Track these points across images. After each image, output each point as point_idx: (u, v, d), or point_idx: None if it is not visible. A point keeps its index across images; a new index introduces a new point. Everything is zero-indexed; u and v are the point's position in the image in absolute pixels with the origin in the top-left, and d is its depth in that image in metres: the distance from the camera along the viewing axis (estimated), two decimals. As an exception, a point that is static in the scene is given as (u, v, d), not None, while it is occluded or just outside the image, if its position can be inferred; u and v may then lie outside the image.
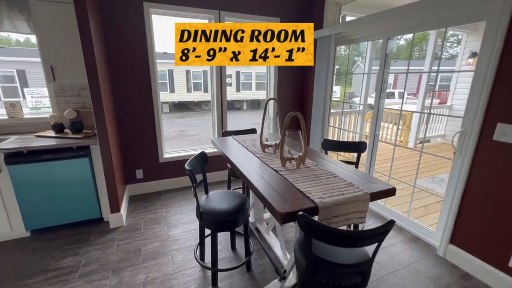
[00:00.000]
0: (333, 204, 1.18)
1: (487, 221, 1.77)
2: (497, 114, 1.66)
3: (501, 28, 1.58)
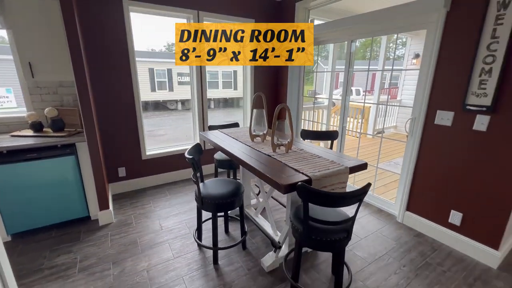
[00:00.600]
0: (323, 177, 1.45)
1: (432, 189, 2.23)
2: (437, 103, 2.11)
3: (437, 35, 2.02)
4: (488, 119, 1.83)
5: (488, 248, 1.94)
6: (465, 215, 2.04)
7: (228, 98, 17.19)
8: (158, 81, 15.37)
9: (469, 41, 1.87)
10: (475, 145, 1.92)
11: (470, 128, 1.93)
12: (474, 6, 1.81)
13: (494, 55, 1.76)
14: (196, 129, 3.50)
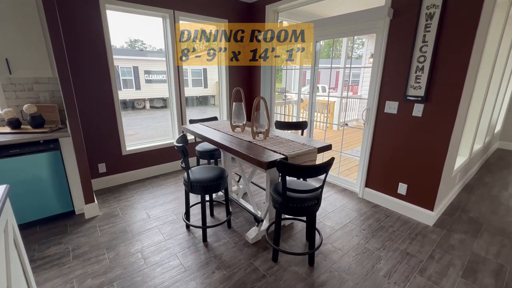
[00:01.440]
0: (297, 155, 1.76)
1: (384, 167, 2.68)
2: (385, 95, 2.55)
3: (384, 39, 2.45)
4: (423, 107, 2.29)
5: (426, 210, 2.43)
6: (409, 186, 2.52)
7: (199, 96, 17.07)
8: (124, 79, 14.73)
9: (407, 43, 2.31)
10: (414, 128, 2.39)
11: (410, 115, 2.39)
12: (410, 16, 2.26)
13: (425, 55, 2.22)
14: (175, 126, 3.63)
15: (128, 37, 14.23)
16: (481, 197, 2.99)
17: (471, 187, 3.26)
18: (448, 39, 2.08)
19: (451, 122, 2.16)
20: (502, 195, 3.06)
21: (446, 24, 2.07)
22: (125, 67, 14.36)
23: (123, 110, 2.82)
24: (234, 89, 2.46)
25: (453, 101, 2.12)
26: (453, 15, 2.03)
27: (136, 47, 14.99)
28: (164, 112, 12.94)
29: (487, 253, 2.03)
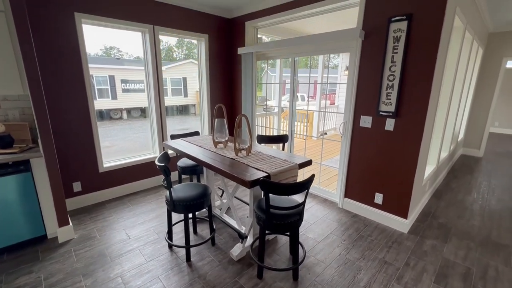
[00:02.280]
0: (279, 172, 1.81)
1: (361, 178, 2.82)
2: (360, 110, 2.70)
3: (357, 58, 2.61)
4: (394, 121, 2.46)
5: (400, 218, 2.57)
6: (385, 195, 2.66)
7: (179, 106, 16.82)
8: (99, 89, 14.18)
9: (378, 63, 2.49)
10: (387, 141, 2.54)
11: (383, 129, 2.55)
12: (379, 38, 2.44)
13: (394, 74, 2.39)
14: (154, 138, 3.56)
15: (103, 44, 13.71)
16: (449, 203, 3.22)
17: (440, 193, 3.50)
18: (414, 60, 2.27)
19: (419, 135, 2.34)
20: (466, 200, 3.31)
21: (412, 46, 2.26)
22: (100, 76, 13.85)
23: (99, 121, 2.72)
24: (216, 106, 2.48)
25: (420, 115, 2.30)
26: (417, 38, 2.22)
27: (112, 54, 14.52)
28: (143, 122, 12.57)
29: (456, 257, 2.19)
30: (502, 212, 3.00)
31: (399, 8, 2.28)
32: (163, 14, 3.25)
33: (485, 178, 4.10)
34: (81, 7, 2.65)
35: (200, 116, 4.17)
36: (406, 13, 2.25)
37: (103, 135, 10.35)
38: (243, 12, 3.70)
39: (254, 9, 3.53)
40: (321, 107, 7.04)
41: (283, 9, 3.21)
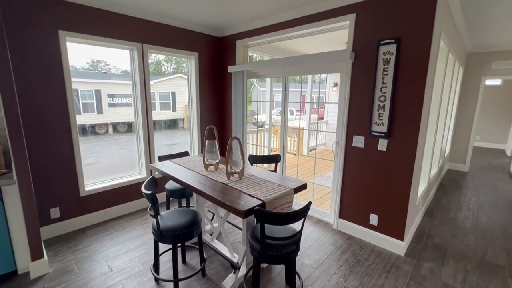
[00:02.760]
0: (274, 199, 1.72)
1: (355, 198, 2.77)
2: (352, 129, 2.69)
3: (348, 79, 2.63)
4: (386, 142, 2.45)
5: (397, 240, 2.51)
6: (380, 216, 2.61)
7: (167, 120, 16.59)
8: (84, 103, 13.80)
9: (369, 84, 2.51)
10: (380, 161, 2.52)
11: (376, 149, 2.54)
12: (369, 60, 2.47)
13: (385, 95, 2.41)
14: (141, 155, 3.40)
15: (90, 58, 13.47)
16: (441, 221, 3.21)
17: (432, 211, 3.50)
18: (404, 81, 2.29)
19: (412, 156, 2.33)
20: (458, 217, 3.32)
21: (401, 68, 2.29)
22: (86, 91, 13.52)
23: (83, 136, 2.57)
24: (206, 128, 2.40)
25: (413, 136, 2.30)
26: (406, 61, 2.26)
27: (100, 68, 14.28)
28: (129, 137, 12.24)
29: (455, 281, 2.13)
30: (494, 230, 3.01)
31: (387, 32, 2.33)
32: (153, 32, 3.20)
33: (473, 193, 4.16)
34: (66, 25, 2.55)
35: (189, 130, 4.06)
36: (394, 37, 2.29)
37: (86, 151, 9.99)
38: (234, 31, 3.72)
39: (245, 28, 3.55)
40: (311, 122, 7.09)
41: (273, 30, 3.24)
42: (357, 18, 2.50)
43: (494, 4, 2.78)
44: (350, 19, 2.55)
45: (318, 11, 2.76)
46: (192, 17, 3.27)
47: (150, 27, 3.16)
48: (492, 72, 5.03)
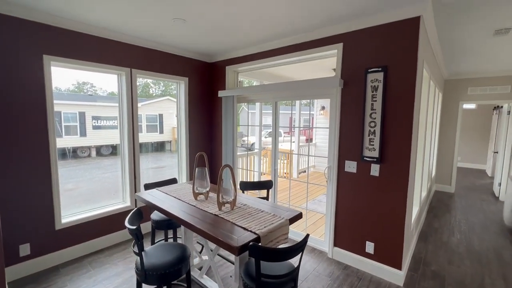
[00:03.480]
0: (269, 232, 1.62)
1: (350, 225, 2.69)
2: (344, 154, 2.68)
3: (338, 104, 2.66)
4: (379, 167, 2.45)
5: (395, 269, 2.42)
6: (376, 244, 2.53)
7: (154, 142, 16.25)
8: (66, 126, 13.34)
9: (358, 109, 2.55)
10: (374, 187, 2.50)
11: (369, 174, 2.52)
12: (358, 87, 2.53)
13: (375, 121, 2.44)
14: (126, 179, 3.21)
15: (76, 79, 13.24)
16: (436, 246, 3.16)
17: (425, 235, 3.46)
18: (393, 107, 2.34)
19: (405, 180, 2.32)
20: (451, 241, 3.29)
21: (390, 95, 2.35)
22: (69, 113, 13.14)
23: (62, 160, 2.39)
24: (197, 155, 2.31)
25: (404, 160, 2.31)
26: (394, 88, 2.32)
27: (85, 89, 14.06)
28: (113, 160, 11.81)
29: (458, 314, 2.04)
30: (488, 254, 2.99)
31: (374, 61, 2.42)
32: (142, 57, 3.18)
33: (463, 215, 4.20)
34: (51, 49, 2.48)
35: (177, 153, 3.93)
36: (381, 65, 2.38)
37: (66, 176, 9.48)
38: (224, 57, 3.77)
39: (235, 55, 3.61)
40: (300, 145, 7.13)
41: (263, 57, 3.31)
42: (345, 47, 2.60)
43: (467, 38, 2.98)
44: (338, 48, 2.64)
45: (306, 40, 2.85)
46: (182, 44, 3.30)
47: (139, 53, 3.15)
48: (468, 97, 5.34)
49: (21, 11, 2.26)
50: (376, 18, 2.35)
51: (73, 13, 2.37)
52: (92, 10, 2.31)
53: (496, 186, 5.31)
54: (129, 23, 2.61)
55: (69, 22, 2.53)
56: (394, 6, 2.16)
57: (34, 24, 2.37)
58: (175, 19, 2.48)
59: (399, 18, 2.24)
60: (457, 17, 2.40)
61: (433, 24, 2.54)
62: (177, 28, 2.74)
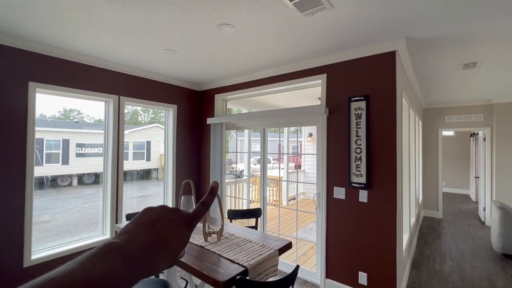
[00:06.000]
0: (257, 264, 1.53)
1: (341, 254, 2.61)
2: (333, 181, 2.68)
3: (324, 131, 2.73)
4: (366, 193, 2.45)
5: (390, 302, 2.31)
6: (368, 274, 2.43)
7: (140, 170, 15.80)
8: (48, 153, 12.85)
9: (344, 136, 2.61)
10: (363, 213, 2.47)
11: (357, 201, 2.51)
12: (342, 115, 2.62)
13: (360, 147, 2.50)
14: (107, 210, 3.03)
15: (62, 106, 13.03)
16: (429, 274, 3.08)
17: (417, 263, 3.39)
18: (377, 134, 2.42)
19: (393, 205, 2.32)
20: (444, 269, 3.22)
21: (373, 122, 2.44)
22: (52, 140, 12.74)
23: (39, 189, 2.23)
24: (183, 182, 2.25)
25: (391, 185, 2.33)
26: (376, 115, 2.42)
27: (72, 116, 13.82)
28: (95, 189, 11.29)
29: None
30: (481, 282, 2.93)
31: (356, 90, 2.54)
32: (130, 85, 3.21)
33: (453, 242, 4.18)
34: (37, 76, 2.47)
35: (163, 181, 3.81)
36: (363, 94, 2.50)
37: (42, 207, 8.89)
38: (212, 86, 3.87)
39: (223, 84, 3.72)
40: (289, 172, 7.12)
41: (251, 86, 3.42)
42: (328, 77, 2.74)
43: (439, 70, 3.23)
44: (322, 78, 2.77)
45: (292, 70, 3.00)
46: (172, 73, 3.38)
47: (128, 80, 3.18)
48: (446, 124, 5.63)
49: (6, 39, 2.28)
50: (356, 52, 2.52)
51: (62, 41, 2.41)
52: (81, 40, 2.36)
53: (481, 211, 5.41)
54: (118, 52, 2.67)
55: (56, 50, 2.56)
56: (370, 42, 2.33)
57: (20, 52, 2.38)
58: (166, 49, 2.56)
59: (377, 52, 2.42)
60: (428, 52, 2.61)
61: (408, 58, 2.74)
62: (168, 58, 2.82)
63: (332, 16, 1.90)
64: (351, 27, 2.07)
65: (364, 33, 2.17)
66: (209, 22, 2.01)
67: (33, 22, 2.03)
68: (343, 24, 2.02)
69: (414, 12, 1.83)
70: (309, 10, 1.80)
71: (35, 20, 1.99)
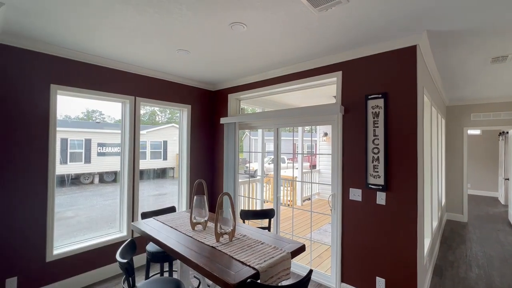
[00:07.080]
0: (269, 267, 1.50)
1: (358, 258, 2.51)
2: (348, 182, 2.59)
3: (339, 131, 2.64)
4: (385, 195, 2.34)
5: (410, 310, 2.20)
6: (387, 280, 2.33)
7: (156, 169, 16.21)
8: (71, 152, 13.49)
9: (360, 136, 2.51)
10: (381, 216, 2.37)
11: (375, 203, 2.41)
12: (359, 113, 2.52)
13: (378, 147, 2.39)
14: (124, 208, 3.11)
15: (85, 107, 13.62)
16: (453, 282, 2.91)
17: (440, 269, 3.21)
18: (396, 133, 2.30)
19: (413, 208, 2.20)
20: (470, 277, 3.03)
21: (391, 121, 2.33)
22: (76, 140, 13.35)
23: (63, 187, 2.35)
24: (195, 182, 2.26)
25: (411, 187, 2.21)
26: (395, 114, 2.31)
27: (94, 117, 14.43)
28: (115, 187, 11.73)
29: None
30: (512, 292, 2.73)
31: (374, 88, 2.43)
32: (146, 86, 3.27)
33: (479, 247, 3.92)
34: (58, 79, 2.57)
35: (178, 180, 3.87)
36: (381, 92, 2.39)
37: (66, 204, 9.34)
38: (226, 86, 3.87)
39: (236, 83, 3.71)
40: (304, 172, 7.01)
41: (264, 85, 3.38)
42: (344, 75, 2.65)
43: (465, 65, 3.03)
44: (337, 76, 2.68)
45: (306, 68, 2.92)
46: (185, 73, 3.41)
47: (143, 81, 3.25)
48: (472, 123, 5.30)
49: (30, 44, 2.38)
50: (373, 47, 2.41)
51: (81, 45, 2.49)
52: (99, 42, 2.43)
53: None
54: (134, 54, 2.72)
55: (75, 53, 2.65)
56: (389, 36, 2.22)
57: (43, 55, 2.49)
58: (179, 50, 2.58)
59: (396, 47, 2.30)
60: (452, 46, 2.45)
61: (430, 53, 2.59)
62: (181, 59, 2.84)
63: (347, 9, 1.82)
64: (367, 21, 1.98)
65: (382, 27, 2.06)
66: (221, 21, 1.99)
67: (57, 28, 2.11)
68: (359, 18, 1.93)
69: (437, 1, 1.71)
70: (324, 5, 1.74)
71: (58, 26, 2.07)
